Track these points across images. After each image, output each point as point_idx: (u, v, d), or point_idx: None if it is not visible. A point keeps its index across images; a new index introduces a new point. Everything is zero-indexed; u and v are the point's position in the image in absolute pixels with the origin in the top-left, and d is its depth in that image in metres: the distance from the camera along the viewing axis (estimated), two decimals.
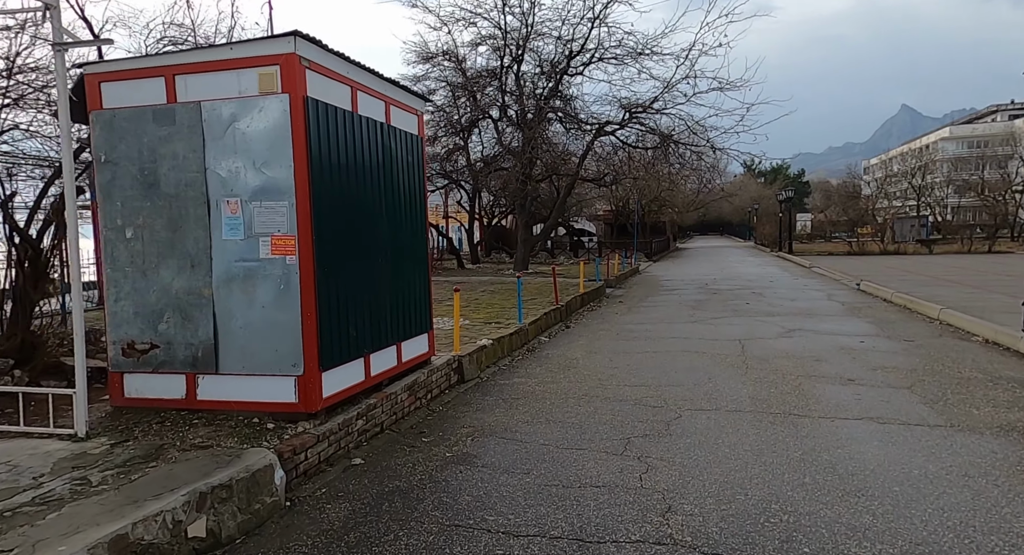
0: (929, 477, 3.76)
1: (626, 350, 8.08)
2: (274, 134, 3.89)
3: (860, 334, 8.82)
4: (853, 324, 9.77)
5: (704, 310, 11.81)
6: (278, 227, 3.95)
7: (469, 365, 6.56)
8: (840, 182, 55.19)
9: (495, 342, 7.51)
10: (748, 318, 10.61)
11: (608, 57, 17.09)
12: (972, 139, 65.89)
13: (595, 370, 6.96)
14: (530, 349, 8.40)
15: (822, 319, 10.32)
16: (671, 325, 10.09)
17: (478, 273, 19.99)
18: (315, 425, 4.02)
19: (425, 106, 5.87)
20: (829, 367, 6.79)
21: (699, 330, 9.49)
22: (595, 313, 12.05)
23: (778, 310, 11.53)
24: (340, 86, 4.37)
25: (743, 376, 6.47)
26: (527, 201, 19.13)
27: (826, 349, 7.77)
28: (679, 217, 50.17)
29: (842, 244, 33.87)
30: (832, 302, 12.67)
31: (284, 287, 3.96)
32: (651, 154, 19.83)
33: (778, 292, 14.75)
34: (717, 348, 8.01)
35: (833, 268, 21.40)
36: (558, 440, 4.62)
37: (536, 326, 9.28)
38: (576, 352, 8.09)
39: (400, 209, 5.28)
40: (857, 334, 8.83)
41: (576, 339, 9.11)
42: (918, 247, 30.61)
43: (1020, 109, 70.70)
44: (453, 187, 24.15)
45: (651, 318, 10.96)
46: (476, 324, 8.97)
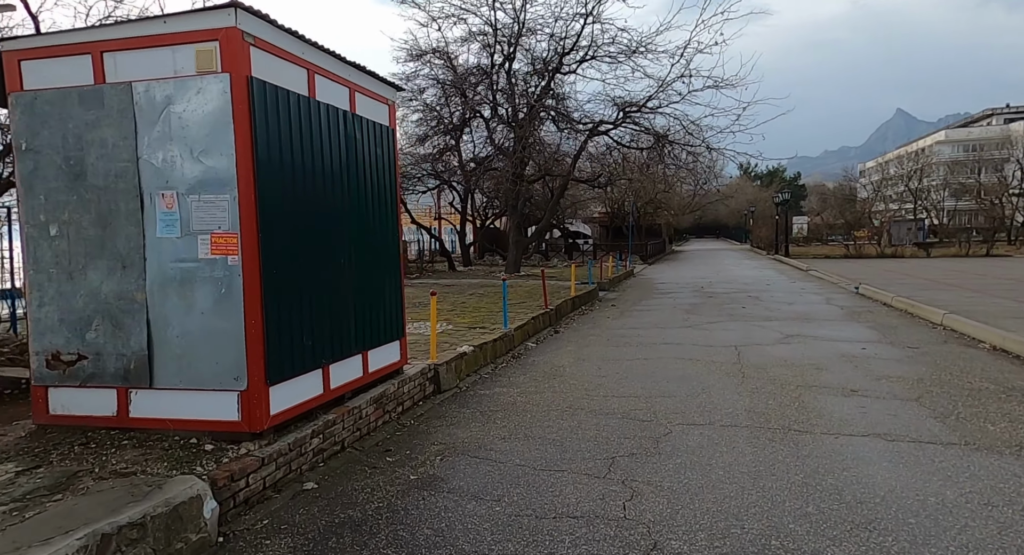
0: (947, 506, 3.35)
1: (616, 357, 7.67)
2: (214, 118, 3.46)
3: (861, 340, 8.43)
4: (853, 329, 9.38)
5: (699, 314, 11.41)
6: (219, 223, 3.52)
7: (446, 374, 6.13)
8: (836, 185, 55.04)
9: (477, 349, 7.08)
10: (744, 323, 10.21)
11: (602, 55, 16.74)
12: (968, 142, 65.88)
13: (582, 379, 6.54)
14: (515, 356, 7.97)
15: (821, 324, 9.93)
16: (664, 330, 9.68)
17: (469, 275, 19.57)
18: (260, 446, 3.58)
19: (397, 95, 5.45)
20: (830, 376, 6.38)
21: (693, 336, 9.08)
22: (586, 317, 11.63)
23: (775, 315, 11.14)
24: (293, 68, 3.94)
25: (739, 386, 6.06)
26: (519, 202, 18.72)
27: (826, 356, 7.37)
28: (675, 220, 49.84)
29: (839, 247, 33.59)
30: (831, 306, 12.29)
31: (225, 291, 3.52)
32: (646, 155, 19.47)
33: (775, 296, 14.37)
34: (712, 355, 7.60)
35: (830, 271, 21.06)
36: (536, 460, 4.20)
37: (523, 331, 8.86)
38: (563, 359, 7.66)
39: (367, 206, 4.86)
40: (858, 340, 8.43)
41: (565, 345, 8.68)
42: (915, 250, 30.33)
43: (1016, 113, 70.75)
44: (444, 188, 23.74)
45: (644, 323, 10.56)
46: (460, 329, 8.54)
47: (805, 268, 23.30)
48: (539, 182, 23.92)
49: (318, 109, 4.17)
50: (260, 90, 3.55)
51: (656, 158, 18.78)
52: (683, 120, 17.13)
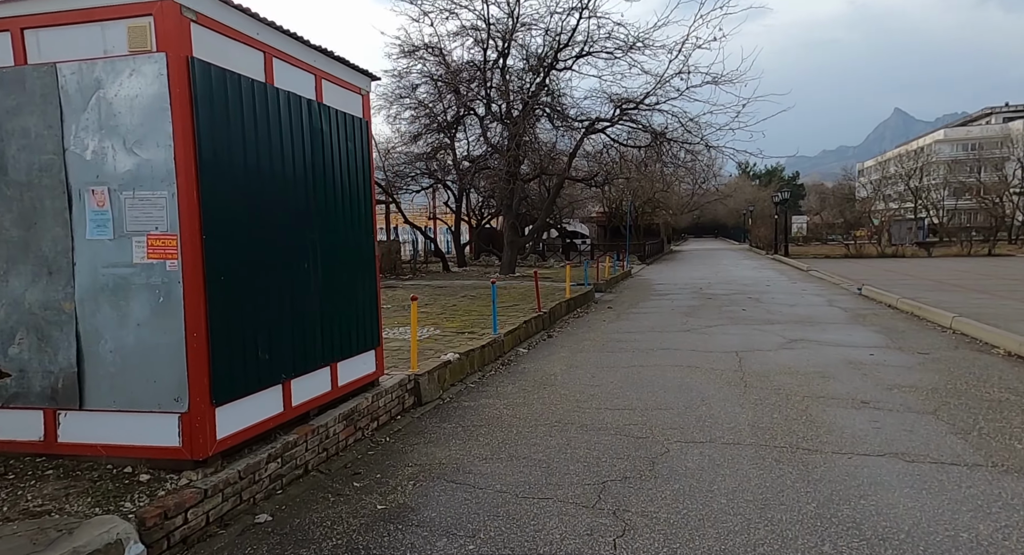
0: (982, 544, 2.95)
1: (611, 364, 7.26)
2: (149, 104, 3.06)
3: (868, 345, 8.03)
4: (859, 333, 8.98)
5: (698, 317, 11.02)
6: (156, 224, 3.11)
7: (428, 385, 5.72)
8: (836, 184, 54.74)
9: (463, 356, 6.67)
10: (745, 326, 9.81)
11: (597, 50, 16.34)
12: (967, 141, 65.64)
13: (574, 389, 6.14)
14: (505, 363, 7.56)
15: (825, 328, 9.54)
16: (662, 334, 9.28)
17: (463, 276, 19.16)
18: (204, 475, 3.17)
19: (372, 85, 5.03)
20: (838, 385, 5.98)
21: (692, 340, 8.68)
22: (581, 320, 11.23)
23: (777, 317, 10.74)
24: (246, 50, 3.53)
25: (741, 397, 5.66)
26: (514, 201, 18.32)
27: (832, 363, 6.97)
28: (673, 219, 49.49)
29: (839, 247, 33.24)
30: (834, 308, 11.91)
31: (164, 300, 3.11)
32: (643, 153, 19.07)
33: (776, 297, 13.98)
34: (712, 362, 7.20)
35: (831, 271, 20.69)
36: (519, 485, 3.79)
37: (513, 336, 8.45)
38: (555, 366, 7.26)
39: (336, 205, 4.45)
40: (865, 345, 8.04)
41: (557, 350, 8.28)
42: (916, 250, 29.98)
43: (1015, 111, 70.48)
44: (439, 187, 23.33)
45: (641, 326, 10.16)
46: (448, 334, 8.14)
47: (805, 268, 22.93)
48: (535, 181, 23.54)
49: (277, 97, 3.76)
50: (204, 73, 3.14)
51: (654, 157, 18.38)
52: (681, 118, 16.76)
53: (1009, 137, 53.57)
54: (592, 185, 21.70)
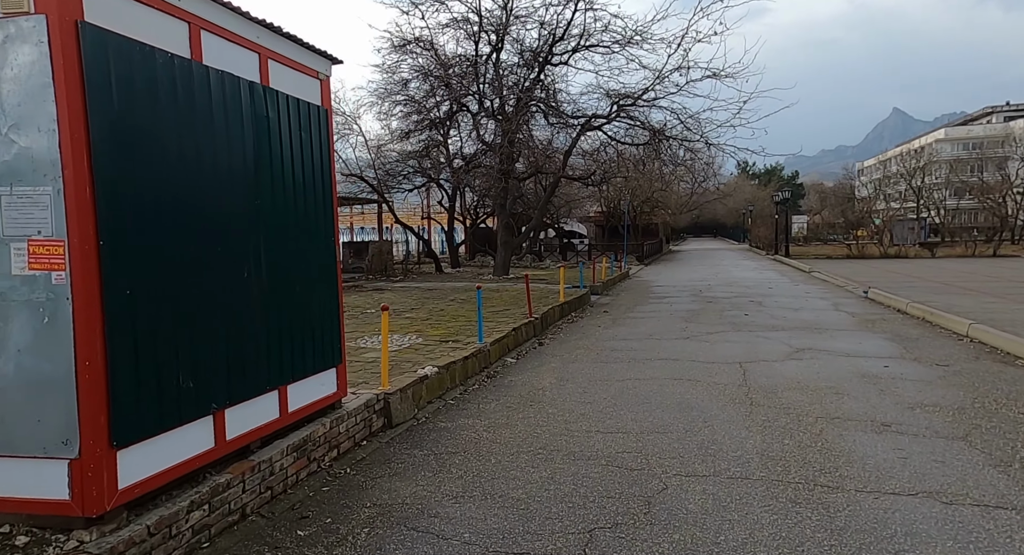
0: None
1: (605, 376, 6.70)
2: (26, 78, 2.49)
3: (881, 355, 7.48)
4: (870, 341, 8.43)
5: (698, 323, 10.46)
6: (38, 227, 2.54)
7: (401, 404, 5.15)
8: (836, 184, 54.25)
9: (443, 369, 6.11)
10: (748, 333, 9.26)
11: (594, 44, 15.77)
12: (967, 141, 65.21)
13: (563, 406, 5.58)
14: (490, 375, 7.00)
15: (833, 335, 8.99)
16: (660, 342, 8.72)
17: (455, 278, 18.59)
18: (101, 535, 2.60)
19: (332, 68, 4.46)
20: (854, 404, 5.43)
21: (692, 349, 8.12)
22: (575, 326, 10.67)
23: (781, 323, 10.19)
24: (162, 18, 2.96)
25: (747, 418, 5.10)
26: (508, 200, 17.75)
27: (845, 376, 6.42)
28: (672, 219, 49.00)
29: (840, 247, 32.71)
30: (840, 313, 11.36)
31: (49, 320, 2.54)
32: (641, 151, 18.51)
33: (779, 301, 13.43)
34: (714, 374, 6.65)
35: (834, 273, 20.15)
36: (492, 533, 3.23)
37: (501, 345, 7.88)
38: (545, 379, 6.70)
39: (287, 204, 3.88)
40: (878, 355, 7.49)
41: (548, 360, 7.72)
42: (920, 250, 29.47)
43: (1016, 110, 70.03)
44: (432, 186, 22.75)
45: (638, 333, 9.60)
46: (430, 343, 7.58)
47: (807, 269, 22.39)
48: (531, 180, 22.98)
49: (206, 77, 3.19)
50: (98, 41, 2.57)
51: (652, 155, 17.82)
52: (681, 115, 16.20)
53: (1009, 136, 53.16)
54: (589, 184, 21.14)
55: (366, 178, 18.52)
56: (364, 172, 19.32)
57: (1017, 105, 72.07)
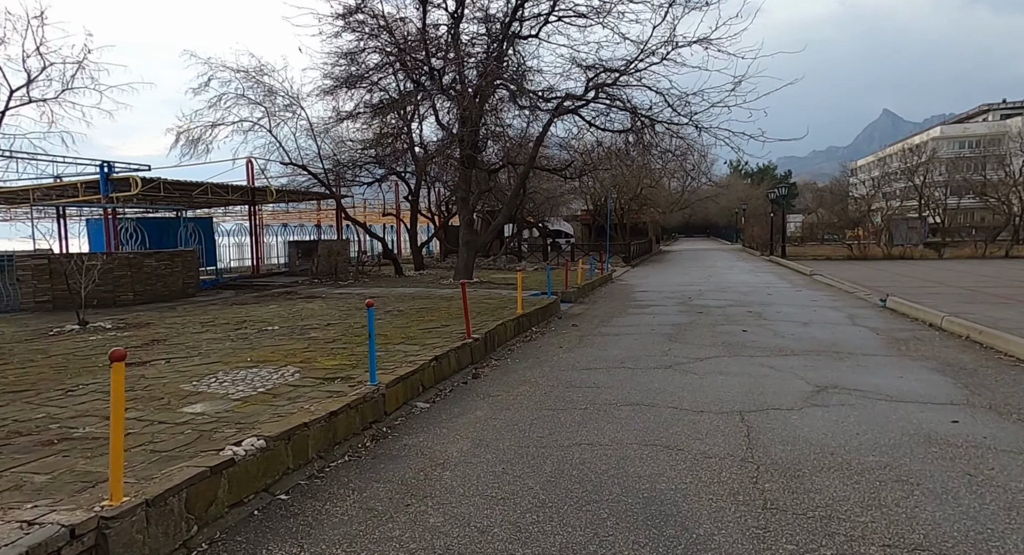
0: None
1: (544, 439, 4.52)
2: None
3: (938, 399, 5.34)
4: (913, 374, 6.30)
5: (684, 342, 8.31)
6: None
7: (147, 531, 2.92)
8: (833, 181, 52.50)
9: (279, 441, 3.88)
10: (748, 359, 7.12)
11: (566, 11, 13.56)
12: (964, 138, 63.68)
13: (457, 510, 3.39)
14: (379, 434, 4.80)
15: (861, 363, 6.85)
16: (633, 373, 6.56)
17: (413, 282, 16.37)
18: None
19: None
20: (937, 508, 3.27)
21: (675, 385, 5.96)
22: (531, 346, 8.49)
23: (790, 344, 8.05)
24: None
25: (759, 541, 2.93)
26: (471, 194, 15.53)
27: (901, 442, 4.27)
28: (662, 218, 47.01)
29: (840, 247, 30.72)
30: (860, 329, 9.23)
31: None
32: (624, 138, 16.33)
33: (782, 311, 11.31)
34: (703, 435, 4.49)
35: (839, 276, 18.10)
36: None
37: (409, 384, 5.67)
38: (454, 443, 4.51)
39: None
40: (933, 399, 5.35)
41: (473, 406, 5.53)
42: (925, 251, 27.53)
43: (1012, 108, 68.66)
44: (396, 180, 20.50)
45: (607, 358, 7.43)
46: (307, 383, 5.37)
47: (808, 272, 20.34)
48: (504, 173, 20.79)
49: None
50: None
51: (636, 142, 15.64)
52: (668, 95, 14.04)
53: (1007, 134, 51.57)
54: (567, 177, 18.95)
55: (310, 169, 16.25)
56: (312, 163, 17.04)
57: (1013, 103, 70.71)
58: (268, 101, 15.65)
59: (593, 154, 18.31)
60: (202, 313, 10.50)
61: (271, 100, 15.68)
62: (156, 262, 12.83)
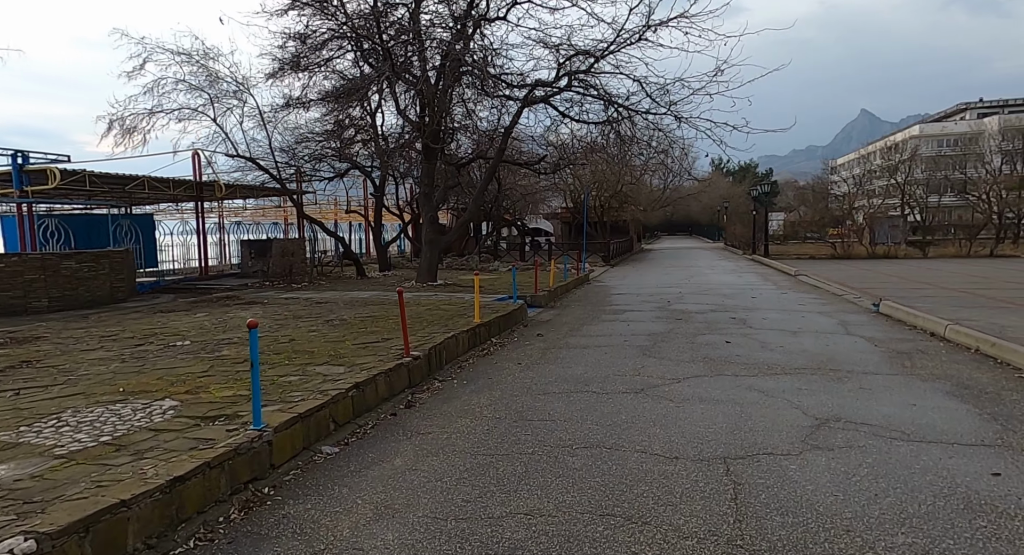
0: None
1: (472, 501, 3.42)
2: None
3: (965, 438, 4.34)
4: (928, 400, 5.31)
5: (661, 357, 7.27)
6: None
7: None
8: (815, 179, 52.19)
9: (63, 539, 2.72)
10: (732, 380, 6.09)
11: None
12: (943, 137, 63.89)
13: None
14: (252, 501, 3.64)
15: (863, 384, 5.86)
16: (598, 400, 5.49)
17: (373, 285, 15.16)
18: None
19: None
20: None
21: (645, 419, 4.90)
22: (486, 362, 7.39)
23: (779, 358, 7.05)
24: None
25: None
26: (434, 188, 14.36)
27: (935, 510, 3.25)
28: (644, 216, 46.17)
29: (823, 246, 30.09)
30: (855, 339, 8.28)
31: None
32: (600, 131, 15.26)
33: (768, 317, 10.34)
34: (675, 496, 3.43)
35: (824, 276, 17.28)
36: None
37: (311, 425, 4.52)
38: (351, 513, 3.39)
39: None
40: (959, 438, 4.35)
41: (394, 450, 4.41)
42: (910, 250, 26.98)
43: (988, 107, 69.17)
44: (358, 174, 19.23)
45: (569, 378, 6.35)
46: (173, 428, 4.21)
47: (793, 272, 19.52)
48: (476, 168, 19.65)
49: None
50: None
51: (612, 135, 14.59)
52: (645, 83, 13.01)
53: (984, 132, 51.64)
54: (540, 172, 17.87)
55: (260, 162, 14.95)
56: (265, 156, 15.72)
57: (990, 102, 71.28)
58: (213, 88, 14.32)
59: (568, 148, 17.26)
60: (115, 324, 9.22)
61: (216, 87, 14.36)
62: (77, 264, 11.47)
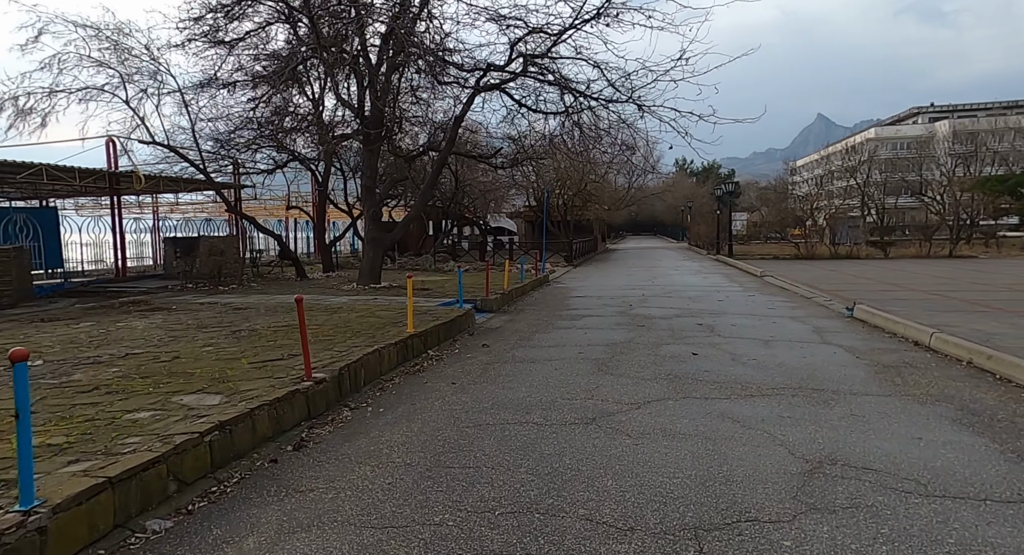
0: None
1: None
2: None
3: (997, 490, 3.41)
4: (934, 432, 4.39)
5: (618, 374, 6.23)
6: None
7: None
8: (776, 180, 52.60)
9: None
10: (703, 404, 5.09)
11: None
12: (897, 140, 65.47)
13: None
14: None
15: (853, 409, 4.93)
16: (540, 434, 4.39)
17: (311, 287, 13.77)
18: None
19: None
20: None
21: (595, 463, 3.82)
22: (416, 381, 6.22)
23: (754, 375, 6.10)
24: None
25: None
26: (375, 182, 13.09)
27: None
28: (608, 215, 45.56)
29: (787, 246, 29.89)
30: (834, 349, 7.42)
31: None
32: (559, 123, 14.25)
33: (738, 323, 9.47)
34: None
35: (791, 278, 16.68)
36: None
37: (129, 492, 3.28)
38: None
39: None
40: (989, 490, 3.41)
41: (251, 524, 3.21)
42: (871, 250, 26.90)
43: (939, 112, 71.30)
44: (300, 167, 17.75)
45: (509, 404, 5.24)
46: None
47: (759, 273, 18.92)
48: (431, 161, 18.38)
49: None
50: None
51: (572, 126, 13.58)
52: (606, 69, 12.05)
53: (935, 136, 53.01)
54: (498, 166, 16.76)
55: (179, 150, 13.38)
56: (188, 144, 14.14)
57: (940, 107, 73.53)
58: (126, 66, 12.70)
59: (527, 141, 16.21)
60: None
61: (129, 65, 12.75)
62: None
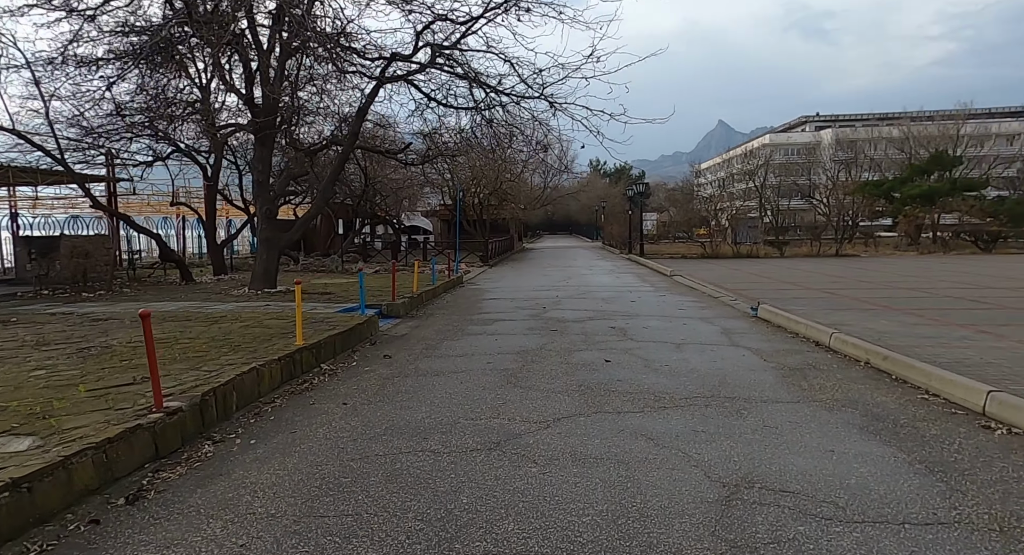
0: None
1: None
2: None
3: (914, 512, 3.24)
4: (845, 443, 4.26)
5: (528, 386, 5.78)
6: None
7: None
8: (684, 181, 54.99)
9: None
10: (615, 420, 4.72)
11: None
12: (788, 146, 70.72)
13: None
14: None
15: (765, 419, 4.75)
16: (437, 465, 3.81)
17: (195, 293, 12.35)
18: None
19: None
20: None
21: (497, 496, 3.30)
22: (300, 402, 5.43)
23: (667, 383, 5.85)
24: None
25: None
26: (269, 176, 11.93)
27: None
28: (524, 214, 45.63)
29: (694, 246, 31.12)
30: (742, 352, 7.40)
31: None
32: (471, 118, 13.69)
33: (649, 325, 9.35)
34: None
35: (698, 277, 17.15)
36: None
37: None
38: None
39: None
40: (907, 513, 3.24)
41: None
42: (769, 249, 28.52)
43: (824, 121, 77.83)
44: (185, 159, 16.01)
45: (406, 427, 4.61)
46: None
47: (668, 272, 19.35)
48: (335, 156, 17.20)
49: None
50: None
51: (483, 122, 13.08)
52: (518, 64, 11.64)
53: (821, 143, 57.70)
54: (409, 162, 15.95)
55: (25, 134, 11.53)
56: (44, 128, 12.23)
57: (825, 116, 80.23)
58: None
59: (438, 137, 15.52)
60: None
61: None
62: None
